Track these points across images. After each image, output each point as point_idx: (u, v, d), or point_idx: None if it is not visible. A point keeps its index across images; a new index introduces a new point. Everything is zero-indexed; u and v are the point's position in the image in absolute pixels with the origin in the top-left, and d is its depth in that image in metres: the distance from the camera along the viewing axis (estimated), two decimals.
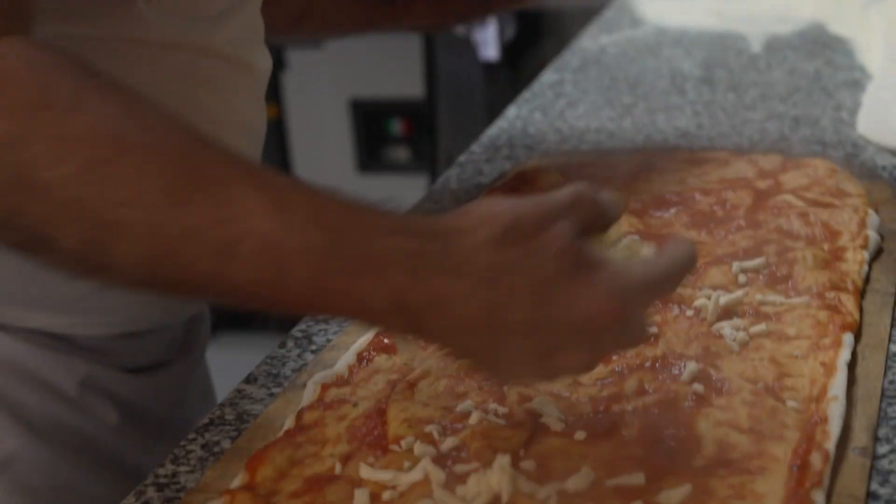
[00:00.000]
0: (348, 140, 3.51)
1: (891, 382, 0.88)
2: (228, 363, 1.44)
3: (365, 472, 0.78)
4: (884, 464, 0.79)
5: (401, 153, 3.54)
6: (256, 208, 0.66)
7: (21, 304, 0.96)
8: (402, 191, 2.71)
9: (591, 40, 1.90)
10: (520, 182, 1.26)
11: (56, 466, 0.99)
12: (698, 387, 0.84)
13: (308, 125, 3.54)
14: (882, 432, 0.82)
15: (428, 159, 3.30)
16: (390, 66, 3.33)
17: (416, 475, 0.77)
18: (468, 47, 2.87)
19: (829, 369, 0.87)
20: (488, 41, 2.82)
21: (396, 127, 3.50)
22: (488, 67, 2.91)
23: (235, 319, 3.17)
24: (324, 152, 3.56)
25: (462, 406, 0.84)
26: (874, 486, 0.77)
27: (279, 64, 3.44)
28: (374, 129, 3.51)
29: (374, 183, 3.50)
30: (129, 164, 0.67)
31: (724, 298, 0.95)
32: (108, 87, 0.70)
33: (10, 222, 0.68)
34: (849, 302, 0.96)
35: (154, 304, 1.03)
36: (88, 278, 0.74)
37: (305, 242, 0.67)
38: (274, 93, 3.43)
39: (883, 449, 0.81)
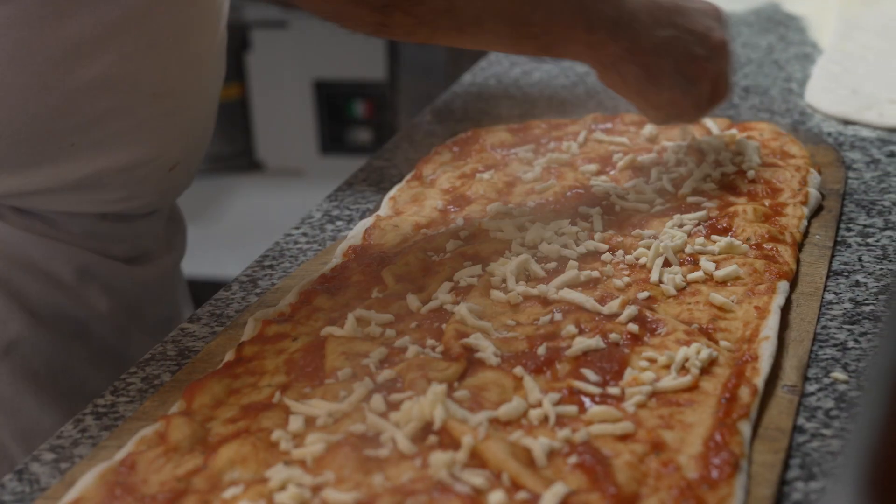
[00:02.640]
0: (311, 121, 3.51)
1: (823, 328, 0.90)
2: None
3: (296, 406, 0.78)
4: (812, 401, 0.80)
5: (363, 135, 3.54)
6: None
7: (20, 186, 0.98)
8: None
9: None
10: (471, 139, 1.27)
11: (55, 351, 1.03)
12: (633, 327, 0.85)
13: (272, 105, 3.53)
14: (812, 372, 0.84)
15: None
16: (354, 47, 3.33)
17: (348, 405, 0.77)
18: None
19: (762, 313, 0.88)
20: None
21: (359, 109, 3.51)
22: (451, 50, 2.91)
23: None
24: (287, 133, 3.56)
25: (400, 342, 0.85)
26: (801, 421, 0.78)
27: (244, 44, 3.43)
28: (336, 111, 3.51)
29: (336, 164, 3.50)
30: None
31: (664, 246, 0.96)
32: None
33: None
34: (786, 252, 0.98)
35: (140, 186, 1.05)
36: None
37: None
38: (238, 72, 3.42)
39: (812, 388, 0.82)
